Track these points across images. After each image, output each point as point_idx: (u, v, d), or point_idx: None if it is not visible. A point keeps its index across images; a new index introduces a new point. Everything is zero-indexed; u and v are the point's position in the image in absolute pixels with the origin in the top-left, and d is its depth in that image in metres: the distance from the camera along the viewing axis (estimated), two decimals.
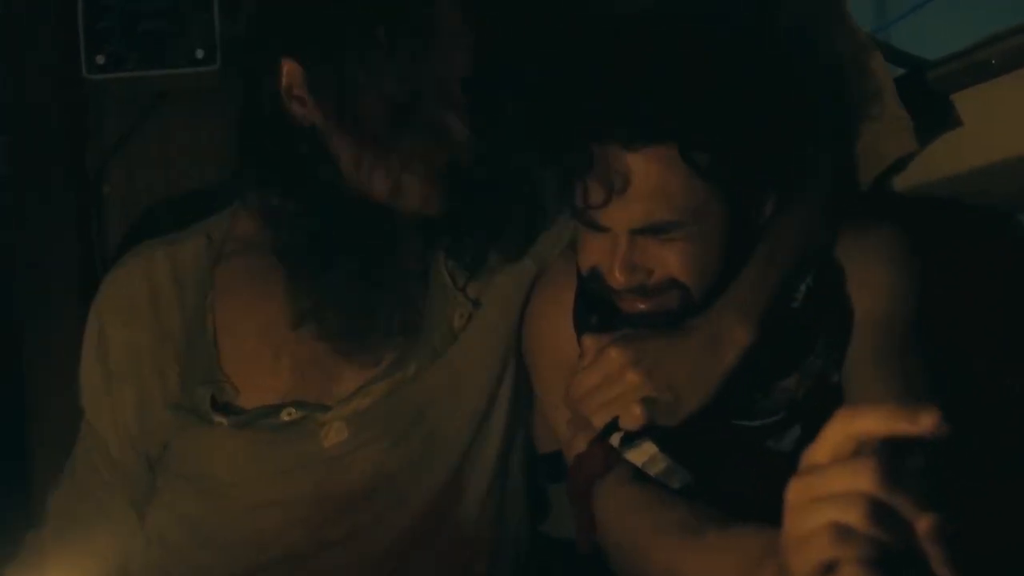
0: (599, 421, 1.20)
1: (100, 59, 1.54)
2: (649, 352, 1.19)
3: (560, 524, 1.44)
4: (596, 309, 1.27)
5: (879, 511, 0.69)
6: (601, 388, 1.19)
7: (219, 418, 1.27)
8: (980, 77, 1.40)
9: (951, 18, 2.95)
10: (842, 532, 0.69)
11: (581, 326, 1.30)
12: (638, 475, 1.21)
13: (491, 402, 1.34)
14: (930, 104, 1.47)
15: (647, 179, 1.12)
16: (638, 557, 1.16)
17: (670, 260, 1.16)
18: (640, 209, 1.13)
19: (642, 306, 1.20)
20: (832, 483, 0.70)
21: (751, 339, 1.21)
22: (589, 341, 1.21)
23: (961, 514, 1.17)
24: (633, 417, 1.18)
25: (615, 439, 1.21)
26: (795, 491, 0.73)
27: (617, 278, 1.17)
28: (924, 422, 0.68)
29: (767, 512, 0.77)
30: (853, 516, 0.69)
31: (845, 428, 0.72)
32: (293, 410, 1.27)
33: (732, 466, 1.20)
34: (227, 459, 1.27)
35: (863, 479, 0.69)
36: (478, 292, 1.34)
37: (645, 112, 1.10)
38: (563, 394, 1.25)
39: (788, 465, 0.75)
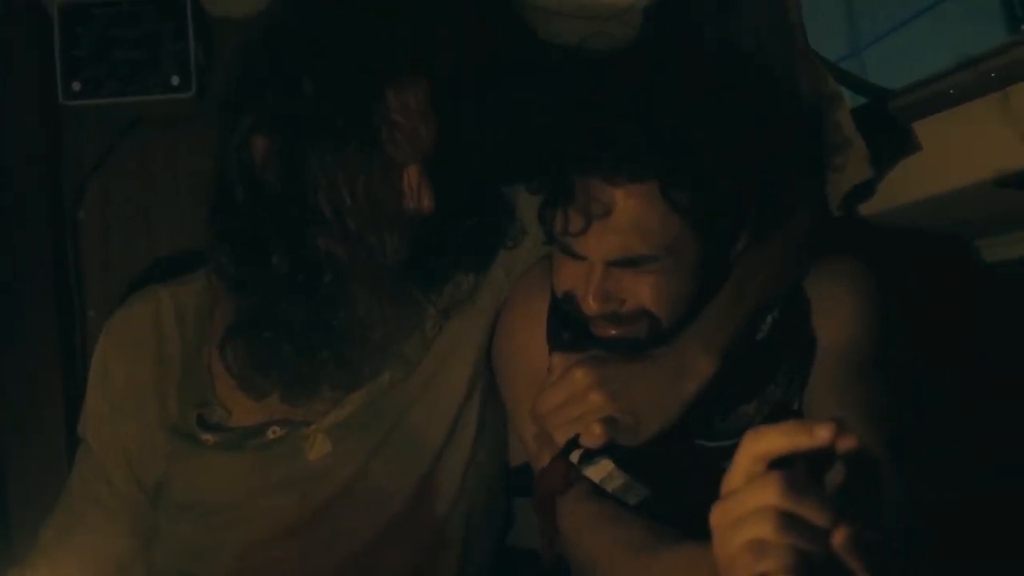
0: (561, 437, 1.24)
1: (76, 85, 1.55)
2: (614, 375, 1.22)
3: (526, 536, 1.46)
4: (569, 326, 1.30)
5: (791, 522, 0.72)
6: (565, 406, 1.23)
7: (207, 435, 1.32)
8: (939, 107, 1.43)
9: (921, 44, 3.01)
10: (760, 547, 0.73)
11: (554, 342, 1.33)
12: (597, 491, 1.24)
13: (463, 407, 1.38)
14: (890, 132, 1.50)
15: (626, 212, 1.16)
16: (599, 566, 1.19)
17: (643, 291, 1.20)
18: (617, 242, 1.17)
19: (613, 332, 1.24)
20: (745, 503, 0.74)
21: (713, 370, 1.24)
22: (558, 359, 1.25)
23: (934, 524, 1.20)
24: (593, 436, 1.21)
25: (575, 455, 1.24)
26: (716, 515, 0.76)
27: (591, 305, 1.21)
28: (820, 434, 0.73)
29: None
30: (766, 529, 0.72)
31: (752, 450, 0.76)
32: (278, 428, 1.32)
33: (690, 484, 1.22)
34: (216, 481, 1.32)
35: (770, 493, 0.72)
36: (449, 303, 1.39)
37: (630, 148, 1.14)
38: (530, 407, 1.28)
39: None
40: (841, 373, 1.28)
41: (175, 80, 1.57)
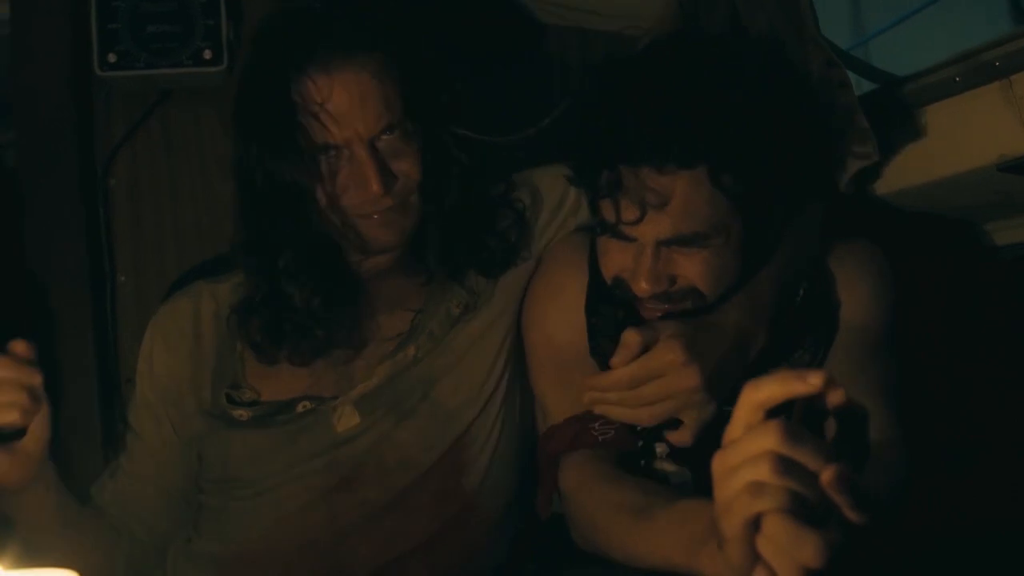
0: (650, 418, 1.23)
1: (111, 58, 1.60)
2: (700, 350, 1.22)
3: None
4: (612, 304, 1.34)
5: (787, 465, 0.77)
6: (655, 383, 1.21)
7: (240, 411, 1.38)
8: (945, 94, 1.48)
9: (926, 36, 3.04)
10: (756, 488, 0.78)
11: (601, 322, 1.36)
12: (600, 454, 1.28)
13: (494, 382, 1.43)
14: (897, 118, 1.55)
15: (678, 197, 1.20)
16: (595, 531, 1.23)
17: (692, 270, 1.24)
18: (669, 223, 1.21)
19: (660, 314, 1.27)
20: (745, 448, 0.79)
21: (766, 339, 1.29)
22: (631, 335, 1.21)
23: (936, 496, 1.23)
24: (685, 437, 1.24)
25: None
26: (717, 463, 0.81)
27: (642, 287, 1.25)
28: (812, 380, 0.79)
29: None
30: (763, 471, 0.77)
31: (751, 399, 0.81)
32: (307, 403, 1.38)
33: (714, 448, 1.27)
34: (249, 456, 1.37)
35: (769, 439, 0.77)
36: (478, 285, 1.44)
37: (679, 137, 1.18)
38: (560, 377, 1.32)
39: None
40: (857, 346, 1.34)
41: (207, 54, 1.61)
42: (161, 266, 1.69)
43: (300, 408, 1.38)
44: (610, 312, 1.35)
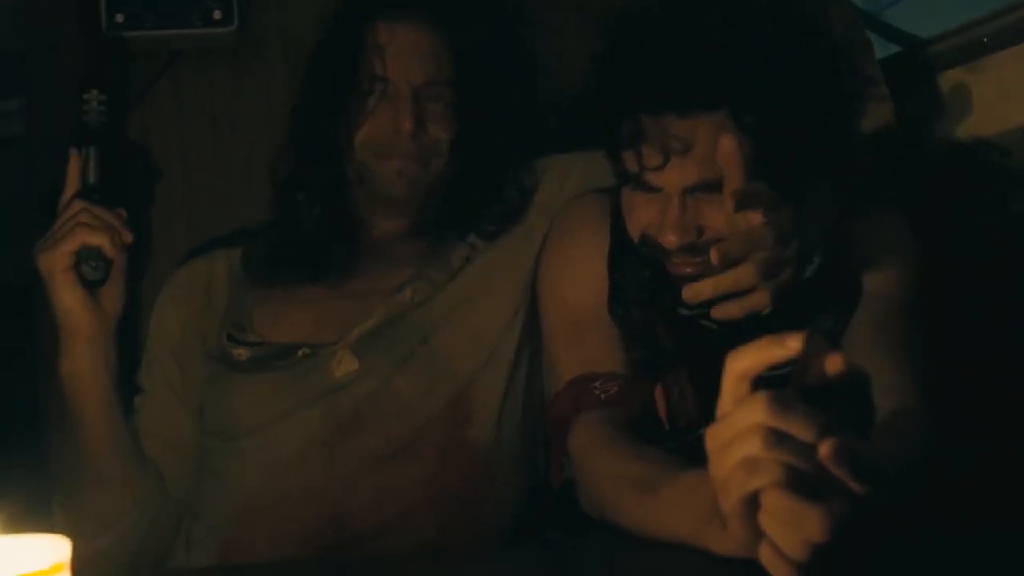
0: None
1: (119, 17, 1.56)
2: None
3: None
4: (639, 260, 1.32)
5: (779, 438, 0.74)
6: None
7: (239, 350, 1.41)
8: (972, 55, 1.45)
9: (943, 5, 2.99)
10: (751, 464, 0.75)
11: (623, 278, 1.35)
12: (608, 418, 1.26)
13: (501, 335, 1.43)
14: (921, 81, 1.52)
15: (702, 142, 1.18)
16: (602, 500, 1.20)
17: (719, 218, 1.22)
18: (695, 168, 1.20)
19: (690, 268, 1.25)
20: (735, 423, 0.76)
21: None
22: None
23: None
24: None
25: None
26: (709, 439, 0.79)
27: (670, 238, 1.23)
28: (791, 344, 0.76)
29: None
30: (754, 446, 0.74)
31: (733, 370, 0.78)
32: (307, 348, 1.39)
33: None
34: (247, 402, 1.38)
35: (757, 412, 0.74)
36: (480, 235, 1.49)
37: (701, 80, 1.17)
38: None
39: None
40: (880, 315, 1.31)
41: (217, 14, 1.58)
42: (172, 230, 1.66)
43: (300, 353, 1.40)
44: (636, 268, 1.33)
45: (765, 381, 0.79)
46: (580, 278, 1.38)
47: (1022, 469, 1.47)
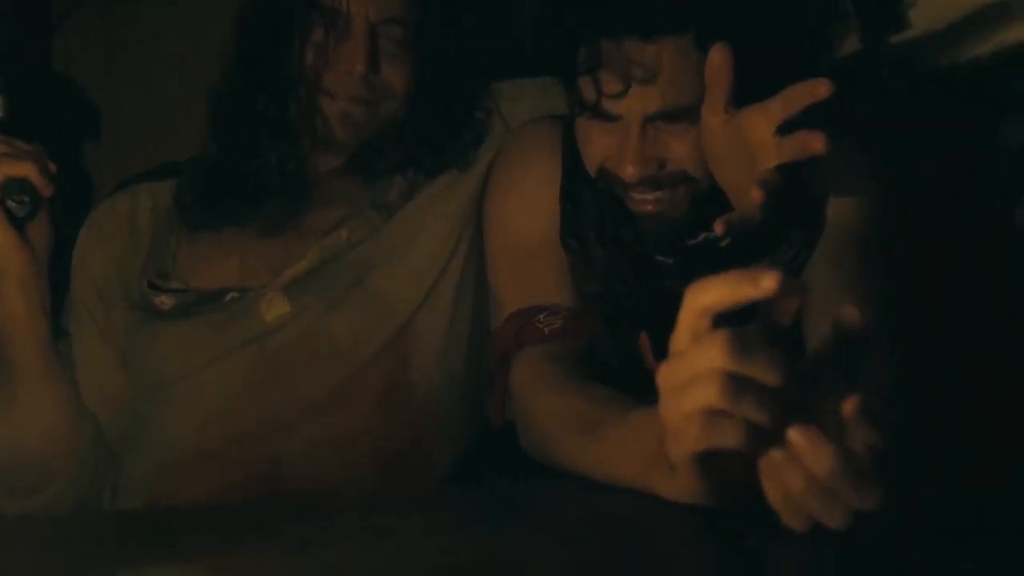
0: None
1: None
2: None
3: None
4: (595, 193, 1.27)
5: (739, 385, 0.67)
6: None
7: (163, 298, 1.34)
8: None
9: None
10: (708, 420, 0.68)
11: (577, 209, 1.30)
12: (551, 354, 1.21)
13: (441, 272, 1.37)
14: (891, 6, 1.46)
15: (666, 68, 1.12)
16: (544, 440, 1.15)
17: (682, 150, 1.16)
18: (656, 95, 1.13)
19: (651, 205, 1.20)
20: (690, 364, 0.69)
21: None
22: None
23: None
24: None
25: None
26: (662, 377, 0.71)
27: (629, 170, 1.17)
28: (765, 284, 0.68)
29: None
30: (711, 394, 0.67)
31: (694, 303, 0.71)
32: (236, 293, 1.33)
33: None
34: (173, 350, 1.32)
35: (715, 354, 0.67)
36: (419, 174, 1.41)
37: (664, 5, 1.10)
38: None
39: None
40: (842, 249, 1.25)
41: None
42: (97, 167, 1.60)
43: (228, 298, 1.33)
44: (592, 202, 1.27)
45: (725, 319, 0.72)
46: (527, 205, 1.32)
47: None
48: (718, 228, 1.05)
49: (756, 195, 1.00)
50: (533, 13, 1.31)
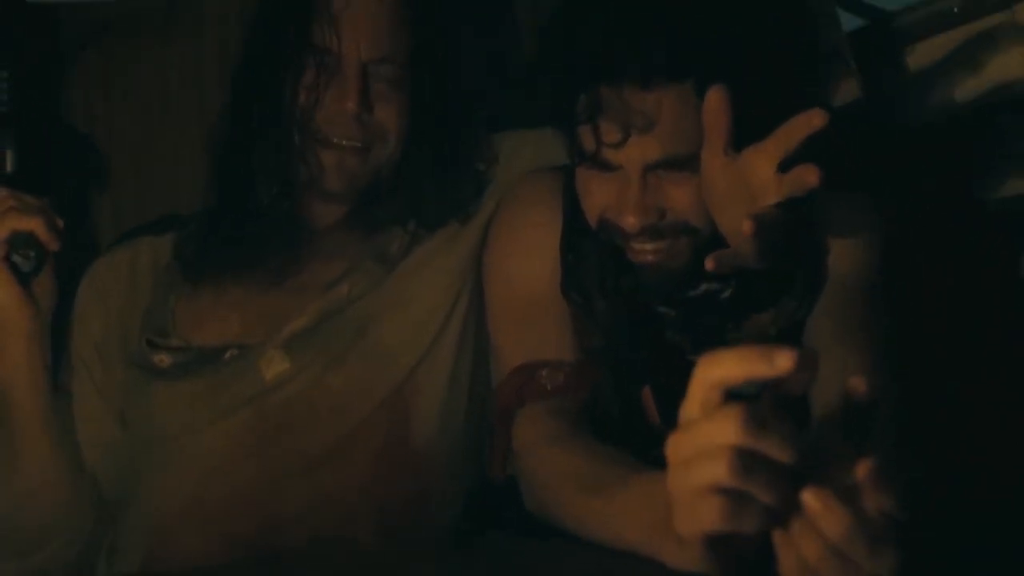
0: None
1: None
2: None
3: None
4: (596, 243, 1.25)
5: (750, 462, 0.66)
6: None
7: (161, 356, 1.32)
8: (943, 27, 1.39)
9: None
10: (718, 497, 0.67)
11: (578, 260, 1.28)
12: (555, 411, 1.19)
13: (442, 326, 1.35)
14: (889, 54, 1.46)
15: (666, 116, 1.11)
16: (547, 499, 1.13)
17: (682, 199, 1.15)
18: (656, 143, 1.12)
19: (651, 255, 1.18)
20: (700, 437, 0.67)
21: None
22: None
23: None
24: None
25: None
26: (671, 449, 0.70)
27: (630, 220, 1.15)
28: (780, 363, 0.66)
29: None
30: (721, 472, 0.66)
31: (705, 376, 0.69)
32: (235, 350, 1.31)
33: None
34: (172, 409, 1.29)
35: (728, 429, 0.66)
36: (420, 226, 1.40)
37: (664, 52, 1.09)
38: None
39: None
40: (842, 302, 1.24)
41: None
42: (96, 218, 1.58)
43: (228, 355, 1.31)
44: (593, 253, 1.26)
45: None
46: (528, 258, 1.30)
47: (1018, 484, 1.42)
48: (708, 264, 1.04)
49: (747, 226, 0.98)
50: (532, 60, 1.30)
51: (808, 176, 0.97)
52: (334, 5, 1.29)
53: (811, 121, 0.97)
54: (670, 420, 1.22)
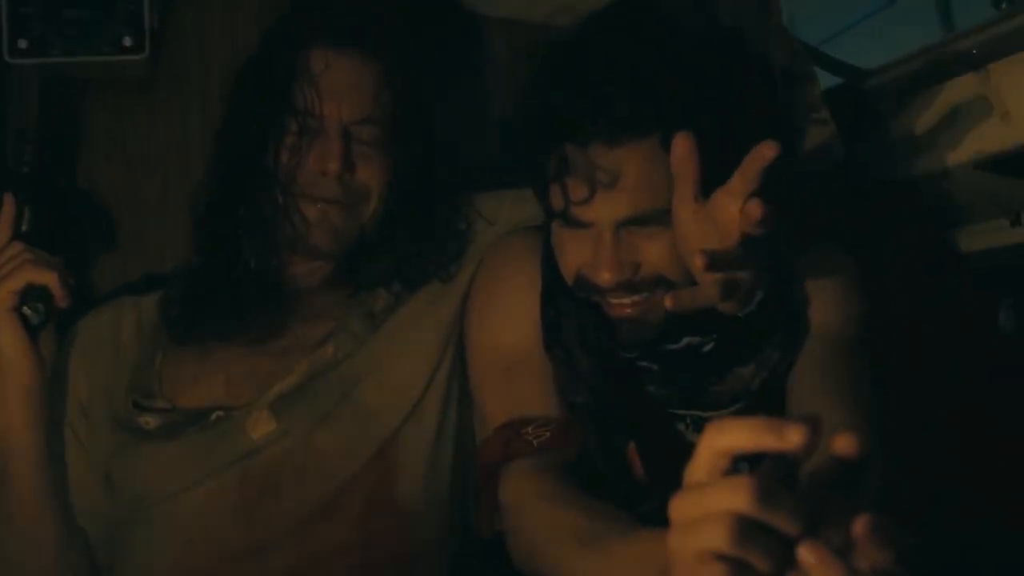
0: None
1: (23, 43, 1.46)
2: None
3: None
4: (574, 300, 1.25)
5: (752, 531, 0.65)
6: None
7: (147, 418, 1.30)
8: (917, 86, 1.41)
9: (861, 48, 2.99)
10: (715, 564, 0.66)
11: (558, 316, 1.29)
12: (542, 467, 1.18)
13: (427, 385, 1.35)
14: (865, 112, 1.48)
15: (632, 172, 1.11)
16: (537, 555, 1.12)
17: (655, 252, 1.16)
18: (626, 200, 1.13)
19: (628, 308, 1.19)
20: (706, 503, 0.67)
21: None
22: None
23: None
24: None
25: None
26: (675, 509, 0.69)
27: (604, 276, 1.16)
28: (791, 438, 0.66)
29: None
30: (720, 538, 0.65)
31: (713, 444, 0.69)
32: (221, 412, 1.30)
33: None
34: (158, 471, 1.28)
35: (736, 497, 0.65)
36: (403, 286, 1.40)
37: (629, 107, 1.10)
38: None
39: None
40: (824, 356, 1.25)
41: (127, 41, 1.48)
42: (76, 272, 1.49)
43: (214, 417, 1.29)
44: (571, 307, 1.26)
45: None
46: (508, 317, 1.31)
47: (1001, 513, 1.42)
48: (667, 302, 1.03)
49: (698, 260, 0.98)
50: (505, 121, 1.31)
51: (752, 211, 0.97)
52: (314, 67, 1.30)
53: (763, 153, 0.97)
54: (655, 475, 1.24)
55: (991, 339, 1.55)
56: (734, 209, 1.01)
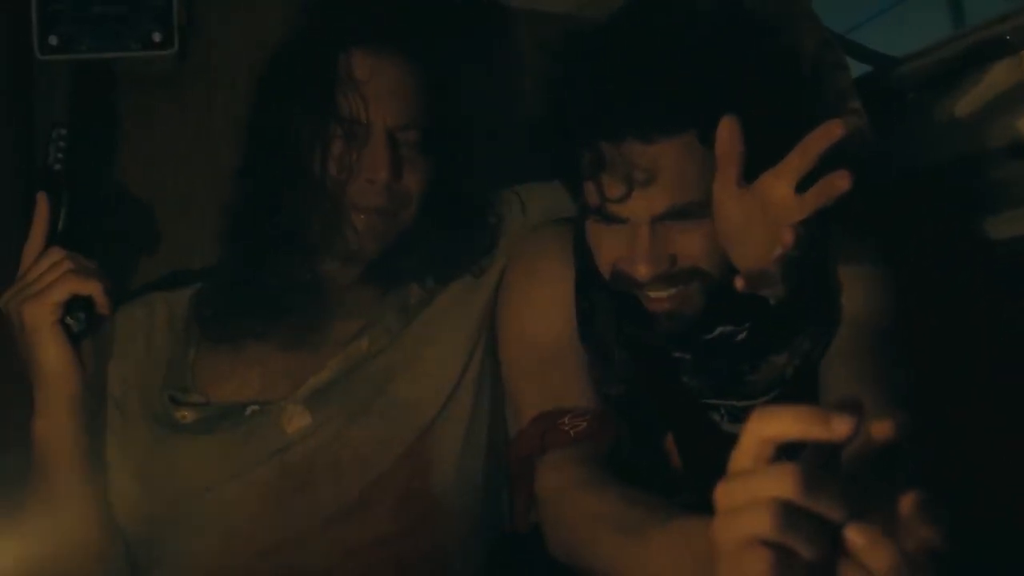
0: None
1: (53, 40, 1.47)
2: None
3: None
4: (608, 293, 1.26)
5: (793, 520, 0.66)
6: None
7: (183, 411, 1.31)
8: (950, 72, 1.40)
9: (922, 17, 2.98)
10: (761, 550, 0.66)
11: (593, 308, 1.29)
12: (578, 457, 1.18)
13: (460, 379, 1.35)
14: (896, 100, 1.47)
15: (669, 168, 1.11)
16: (576, 545, 1.13)
17: (692, 245, 1.15)
18: (662, 196, 1.12)
19: (666, 302, 1.18)
20: (751, 489, 0.67)
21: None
22: None
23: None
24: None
25: None
26: (720, 495, 0.70)
27: (641, 270, 1.16)
28: (838, 428, 0.66)
29: None
30: (764, 524, 0.65)
31: (759, 432, 0.69)
32: (256, 406, 1.30)
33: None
34: (193, 465, 1.28)
35: (782, 483, 0.66)
36: (437, 280, 1.41)
37: (664, 106, 1.09)
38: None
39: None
40: (857, 345, 1.25)
41: (156, 37, 1.49)
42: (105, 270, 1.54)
43: (249, 412, 1.30)
44: (606, 300, 1.26)
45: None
46: (542, 310, 1.31)
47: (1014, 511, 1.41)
48: (738, 284, 1.04)
49: (787, 236, 0.98)
50: (537, 118, 1.31)
51: (839, 181, 0.97)
52: (358, 73, 1.29)
53: (830, 132, 0.97)
54: (692, 465, 1.24)
55: (1017, 329, 1.55)
56: (786, 190, 1.01)
